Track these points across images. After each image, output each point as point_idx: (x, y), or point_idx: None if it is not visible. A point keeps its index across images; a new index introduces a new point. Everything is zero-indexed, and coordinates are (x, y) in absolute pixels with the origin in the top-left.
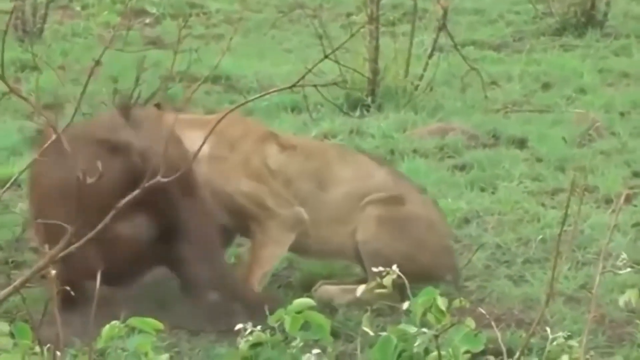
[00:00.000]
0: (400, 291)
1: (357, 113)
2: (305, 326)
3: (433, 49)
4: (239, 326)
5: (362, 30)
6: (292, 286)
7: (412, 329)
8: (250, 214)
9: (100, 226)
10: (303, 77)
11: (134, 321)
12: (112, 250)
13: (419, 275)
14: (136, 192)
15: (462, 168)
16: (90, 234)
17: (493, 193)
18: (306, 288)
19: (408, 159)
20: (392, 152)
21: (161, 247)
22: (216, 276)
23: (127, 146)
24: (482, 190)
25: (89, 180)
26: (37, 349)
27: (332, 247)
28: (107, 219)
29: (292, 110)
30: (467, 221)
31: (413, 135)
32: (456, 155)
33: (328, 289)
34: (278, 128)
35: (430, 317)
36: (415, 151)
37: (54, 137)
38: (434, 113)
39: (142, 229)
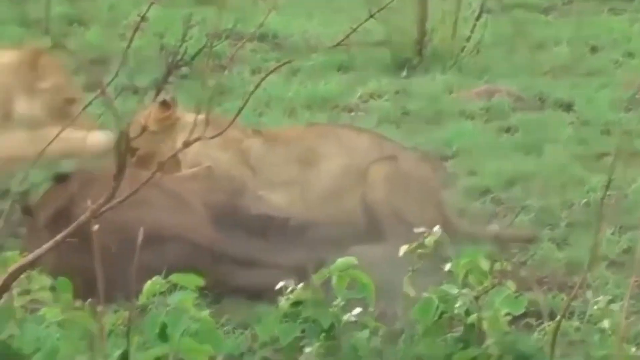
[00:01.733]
0: None
1: (404, 74)
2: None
3: (481, 11)
4: (280, 284)
5: None
6: None
7: (454, 290)
8: None
9: (138, 188)
10: (348, 36)
11: (175, 277)
12: None
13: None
14: (145, 182)
15: (508, 130)
16: (129, 194)
17: (538, 156)
18: None
19: (454, 120)
20: (437, 113)
21: None
22: None
23: None
24: (528, 153)
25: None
26: (78, 303)
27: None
28: (144, 182)
29: (339, 70)
30: (511, 184)
31: (459, 97)
32: (502, 117)
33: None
34: (323, 88)
35: (471, 279)
36: (461, 113)
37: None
38: (480, 75)
39: None
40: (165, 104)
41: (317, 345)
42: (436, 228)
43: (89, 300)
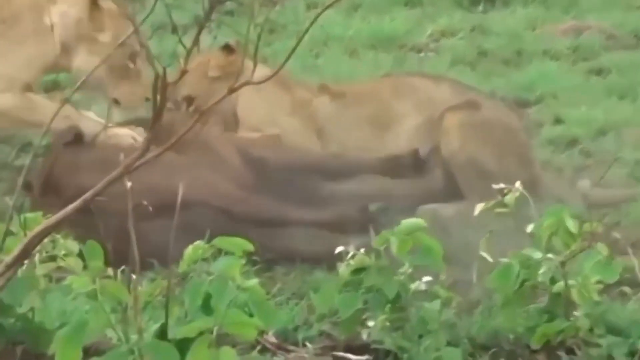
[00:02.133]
0: None
1: (480, 8)
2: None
3: None
4: (339, 249)
5: None
6: None
7: (537, 255)
8: None
9: (174, 142)
10: None
11: (220, 242)
12: None
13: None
14: (181, 135)
15: (599, 72)
16: (166, 147)
17: (633, 101)
18: None
19: (537, 61)
20: (518, 53)
21: None
22: None
23: None
24: (621, 98)
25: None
26: (110, 271)
27: None
28: (182, 135)
29: (406, 4)
30: (602, 133)
31: (543, 34)
32: (592, 57)
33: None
34: (389, 25)
35: (557, 242)
36: (545, 52)
37: None
38: (567, 9)
39: None
40: (228, 48)
41: (381, 317)
42: (517, 184)
43: (122, 267)
